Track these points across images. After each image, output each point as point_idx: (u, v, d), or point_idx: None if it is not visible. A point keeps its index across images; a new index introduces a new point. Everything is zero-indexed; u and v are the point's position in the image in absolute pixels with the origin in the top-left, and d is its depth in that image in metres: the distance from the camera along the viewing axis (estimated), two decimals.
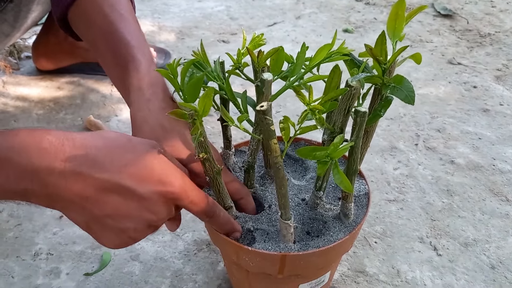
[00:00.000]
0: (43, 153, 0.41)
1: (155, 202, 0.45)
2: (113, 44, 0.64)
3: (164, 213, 0.47)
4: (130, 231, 0.46)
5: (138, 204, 0.45)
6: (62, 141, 0.42)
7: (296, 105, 1.14)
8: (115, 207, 0.44)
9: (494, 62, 1.33)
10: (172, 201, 0.47)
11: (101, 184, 0.43)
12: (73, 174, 0.42)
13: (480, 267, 0.75)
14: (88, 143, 0.43)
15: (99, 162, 0.43)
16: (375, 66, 0.47)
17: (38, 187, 0.42)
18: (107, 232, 0.46)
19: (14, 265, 0.74)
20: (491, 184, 0.92)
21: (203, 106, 0.41)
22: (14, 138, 0.42)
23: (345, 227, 0.56)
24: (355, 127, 0.47)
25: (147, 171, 0.45)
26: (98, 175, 0.42)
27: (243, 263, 0.55)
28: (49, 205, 0.44)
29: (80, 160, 0.42)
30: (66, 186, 0.42)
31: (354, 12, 1.63)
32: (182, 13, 1.60)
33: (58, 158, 0.41)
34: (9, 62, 1.26)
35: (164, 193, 0.46)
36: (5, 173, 0.41)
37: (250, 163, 0.56)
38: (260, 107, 0.42)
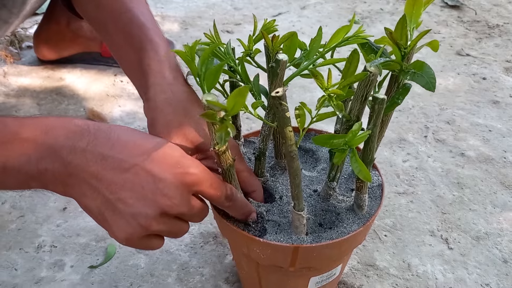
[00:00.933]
0: (69, 133, 0.43)
1: (170, 184, 0.43)
2: (126, 25, 0.62)
3: (178, 199, 0.44)
4: (141, 217, 0.43)
5: (153, 186, 0.43)
6: (88, 125, 0.44)
7: (302, 96, 1.12)
8: (129, 188, 0.43)
9: (503, 54, 1.31)
10: (188, 187, 0.45)
11: (118, 164, 0.43)
12: (93, 153, 0.42)
13: (492, 261, 0.74)
14: (113, 128, 0.45)
15: (120, 144, 0.43)
16: (394, 51, 0.45)
17: (58, 166, 0.42)
18: (118, 218, 0.44)
19: (17, 257, 0.72)
20: (502, 176, 0.90)
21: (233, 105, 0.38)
22: (43, 120, 0.44)
23: (359, 219, 0.54)
24: (373, 114, 0.45)
25: (166, 154, 0.44)
26: (117, 154, 0.43)
27: (253, 255, 0.53)
28: (64, 190, 0.44)
29: (102, 141, 0.43)
30: (86, 165, 0.42)
31: (360, 2, 1.60)
32: (185, 3, 1.58)
33: (82, 139, 0.43)
34: (10, 52, 1.24)
35: (182, 176, 0.44)
36: (27, 152, 0.42)
37: (261, 150, 0.54)
38: (276, 92, 0.40)
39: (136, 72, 0.60)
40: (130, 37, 0.61)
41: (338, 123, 0.60)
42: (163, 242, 0.49)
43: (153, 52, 0.58)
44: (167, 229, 0.46)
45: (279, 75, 0.44)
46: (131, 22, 0.62)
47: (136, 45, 0.60)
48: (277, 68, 0.44)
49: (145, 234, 0.45)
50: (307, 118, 0.44)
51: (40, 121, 0.44)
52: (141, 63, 0.58)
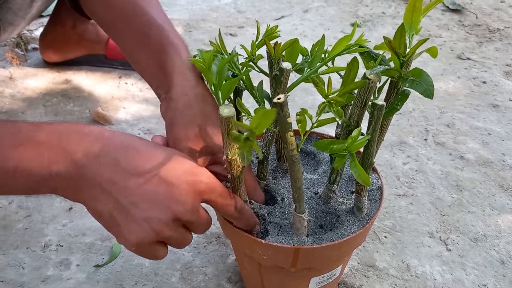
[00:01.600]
0: (83, 137, 0.44)
1: (183, 190, 0.44)
2: (143, 27, 0.62)
3: (190, 206, 0.45)
4: (154, 222, 0.44)
5: (166, 192, 0.44)
6: (103, 130, 0.45)
7: (304, 99, 1.13)
8: (142, 194, 0.43)
9: (503, 58, 1.32)
10: (200, 194, 0.46)
11: (132, 169, 0.43)
12: (107, 158, 0.43)
13: (490, 263, 0.75)
14: (126, 135, 0.46)
15: (134, 151, 0.44)
16: (393, 59, 0.46)
17: (71, 170, 0.43)
18: (130, 222, 0.44)
19: (24, 256, 0.74)
20: (501, 179, 0.91)
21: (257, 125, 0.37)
22: (58, 125, 0.45)
23: (358, 221, 0.56)
24: (372, 120, 0.47)
25: (179, 163, 0.46)
26: (131, 161, 0.44)
27: (255, 256, 0.55)
28: (74, 195, 0.45)
29: (116, 146, 0.44)
30: (99, 169, 0.43)
31: (362, 6, 1.61)
32: (189, 6, 1.60)
33: (96, 143, 0.43)
34: (16, 53, 1.25)
35: (194, 183, 0.45)
36: (40, 155, 0.42)
37: (264, 154, 0.56)
38: (277, 99, 0.41)
39: (155, 72, 0.60)
40: (147, 39, 0.61)
41: (339, 127, 0.61)
42: (167, 252, 0.49)
43: (176, 54, 0.59)
44: (176, 237, 0.47)
45: (282, 83, 0.46)
46: (149, 24, 0.62)
47: (156, 47, 0.60)
48: (281, 76, 0.45)
49: (155, 240, 0.46)
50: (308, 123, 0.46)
51: (54, 126, 0.45)
52: (163, 64, 0.59)
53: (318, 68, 0.45)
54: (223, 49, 0.49)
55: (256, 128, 0.37)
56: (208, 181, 0.46)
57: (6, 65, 1.22)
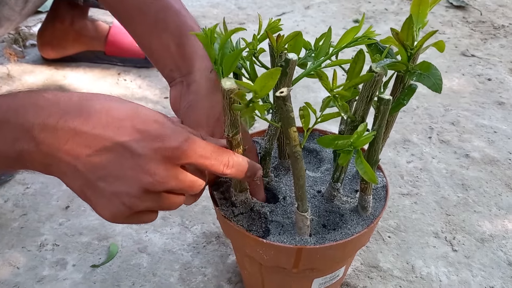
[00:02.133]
0: (38, 110, 0.40)
1: (150, 159, 0.40)
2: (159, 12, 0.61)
3: (162, 175, 0.40)
4: (123, 196, 0.40)
5: (132, 162, 0.40)
6: (59, 98, 0.41)
7: (305, 96, 1.11)
8: (107, 167, 0.40)
9: (508, 54, 1.30)
10: (172, 160, 0.41)
11: (94, 140, 0.40)
12: (65, 130, 0.39)
13: (497, 263, 0.73)
14: (85, 98, 0.41)
15: (94, 117, 0.40)
16: (400, 52, 0.44)
17: (33, 146, 0.40)
18: (101, 198, 0.41)
19: (20, 256, 0.72)
20: (507, 178, 0.89)
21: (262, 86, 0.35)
22: (13, 99, 0.41)
23: (363, 220, 0.54)
24: (378, 115, 0.45)
25: (145, 127, 0.41)
26: (90, 130, 0.40)
27: (256, 256, 0.53)
28: (45, 170, 0.42)
29: (74, 115, 0.40)
30: (59, 143, 0.39)
31: (364, 2, 1.59)
32: (189, 2, 1.58)
33: (52, 114, 0.40)
34: (14, 50, 1.24)
35: (162, 150, 0.40)
36: (3, 135, 0.40)
37: (267, 150, 0.54)
38: (280, 93, 0.40)
39: (172, 55, 0.58)
40: (165, 23, 0.60)
41: (343, 123, 0.60)
42: (155, 215, 0.46)
43: (197, 40, 0.57)
44: (157, 205, 0.43)
45: (288, 74, 0.44)
46: (166, 8, 0.60)
47: (174, 31, 0.58)
48: (287, 68, 0.43)
49: (131, 213, 0.43)
50: (312, 118, 0.44)
51: (10, 100, 0.41)
52: (182, 47, 0.57)
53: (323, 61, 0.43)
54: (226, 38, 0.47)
55: (260, 90, 0.35)
56: (178, 144, 0.40)
57: (4, 61, 1.20)
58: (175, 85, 0.58)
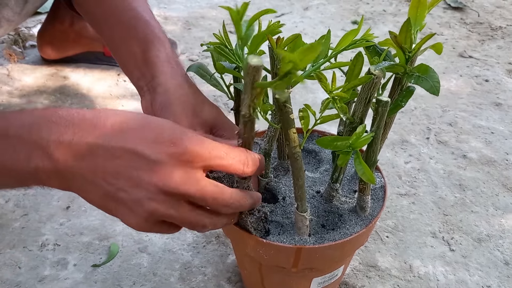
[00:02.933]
0: (53, 127, 0.40)
1: (166, 164, 0.40)
2: (130, 21, 0.64)
3: (179, 177, 0.40)
4: (144, 202, 0.40)
5: (148, 169, 0.40)
6: (72, 114, 0.41)
7: (304, 97, 1.12)
8: (124, 176, 0.40)
9: (506, 56, 1.31)
10: (189, 164, 0.41)
11: (109, 152, 0.40)
12: (81, 146, 0.40)
13: (494, 263, 0.74)
14: (98, 114, 0.42)
15: (106, 130, 0.41)
16: (399, 54, 0.45)
17: (48, 163, 0.40)
18: (124, 208, 0.41)
19: (21, 256, 0.73)
20: (504, 179, 0.90)
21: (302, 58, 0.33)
22: (26, 116, 0.42)
23: (361, 220, 0.55)
24: (376, 117, 0.46)
25: (158, 134, 0.41)
26: (105, 142, 0.40)
27: (256, 256, 0.54)
28: (62, 186, 0.42)
29: (88, 130, 0.40)
30: (76, 159, 0.40)
31: (362, 3, 1.60)
32: (188, 3, 1.58)
33: (67, 131, 0.40)
34: (14, 51, 1.24)
35: (176, 154, 0.40)
36: (17, 152, 0.40)
37: (266, 150, 0.54)
38: None
39: (139, 63, 0.61)
40: (134, 31, 0.62)
41: (342, 124, 0.60)
42: (179, 229, 0.46)
43: (161, 46, 0.60)
44: (179, 215, 0.43)
45: None
46: (136, 18, 0.64)
47: (142, 39, 0.61)
48: None
49: (156, 220, 0.43)
50: (311, 120, 0.45)
51: (24, 118, 0.42)
52: (147, 54, 0.60)
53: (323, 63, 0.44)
54: (227, 41, 0.48)
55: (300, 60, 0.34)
56: (191, 147, 0.41)
57: (4, 62, 1.21)
58: (143, 95, 0.60)
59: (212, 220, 0.45)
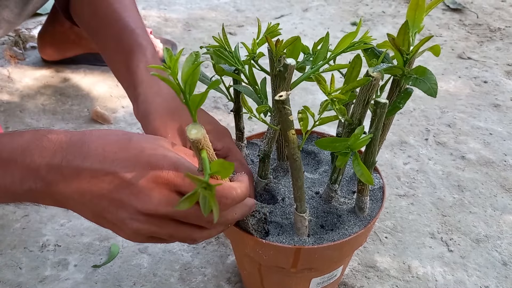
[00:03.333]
0: (43, 151, 0.43)
1: (143, 187, 0.41)
2: (117, 32, 0.67)
3: (159, 199, 0.41)
4: (127, 222, 0.42)
5: (128, 191, 0.41)
6: (61, 138, 0.44)
7: (304, 98, 1.13)
8: (108, 198, 0.42)
9: (504, 57, 1.31)
10: (166, 186, 0.42)
11: (93, 175, 0.42)
12: (69, 169, 0.42)
13: (492, 264, 0.74)
14: (83, 138, 0.44)
15: (92, 154, 0.43)
16: (396, 57, 0.46)
17: (41, 186, 0.43)
18: (112, 226, 0.44)
19: (22, 256, 0.73)
20: (503, 180, 0.91)
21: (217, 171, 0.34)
22: (19, 139, 0.44)
23: (360, 221, 0.55)
24: (375, 118, 0.46)
25: (136, 155, 0.43)
26: (90, 166, 0.42)
27: (256, 256, 0.54)
28: (56, 204, 0.45)
29: (75, 154, 0.43)
30: (65, 182, 0.42)
31: (362, 5, 1.61)
32: (188, 5, 1.59)
33: (56, 155, 0.43)
34: (14, 52, 1.24)
35: (154, 178, 0.41)
36: (10, 174, 0.43)
37: (266, 152, 0.55)
38: (279, 96, 0.41)
39: (124, 73, 0.64)
40: (121, 42, 0.66)
41: (340, 126, 0.61)
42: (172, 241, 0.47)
43: (141, 54, 0.63)
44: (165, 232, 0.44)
45: (286, 79, 0.45)
46: (124, 29, 0.67)
47: (126, 49, 0.65)
48: (285, 73, 0.44)
49: (144, 236, 0.44)
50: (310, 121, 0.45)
51: (16, 140, 0.44)
52: (129, 63, 0.63)
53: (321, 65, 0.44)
54: (226, 44, 0.48)
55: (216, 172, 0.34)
56: (169, 173, 0.42)
57: (4, 63, 1.21)
58: (133, 104, 0.62)
59: (201, 233, 0.46)
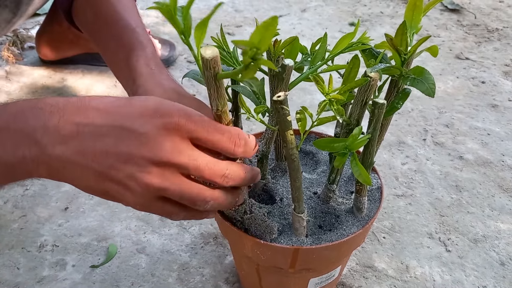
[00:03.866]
0: (38, 113, 0.40)
1: (153, 135, 0.39)
2: (119, 31, 0.69)
3: (168, 147, 0.39)
4: (137, 176, 0.39)
5: (137, 142, 0.39)
6: (57, 100, 0.41)
7: (302, 98, 1.13)
8: (114, 153, 0.39)
9: (502, 58, 1.32)
10: (177, 133, 0.40)
11: (96, 130, 0.39)
12: (67, 128, 0.39)
13: (489, 264, 0.75)
14: (83, 98, 0.41)
15: (92, 110, 0.40)
16: (394, 57, 0.46)
17: (35, 151, 0.39)
18: (119, 187, 0.40)
19: (19, 257, 0.73)
20: (500, 180, 0.91)
21: (259, 39, 0.31)
22: (12, 107, 0.41)
23: (358, 221, 0.55)
24: (373, 119, 0.46)
25: (142, 107, 0.40)
26: (92, 121, 0.40)
27: (254, 257, 0.54)
28: (51, 174, 0.41)
29: (73, 112, 0.40)
30: (63, 143, 0.39)
31: (360, 5, 1.61)
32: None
33: (53, 115, 0.40)
34: (12, 52, 1.24)
35: (163, 124, 0.39)
36: (2, 142, 0.40)
37: (264, 153, 0.55)
38: (277, 97, 0.41)
39: (124, 69, 0.65)
40: (121, 41, 0.68)
41: (338, 126, 0.61)
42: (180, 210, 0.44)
43: (141, 51, 0.65)
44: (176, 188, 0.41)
45: (284, 79, 0.45)
46: (125, 28, 0.69)
47: (127, 47, 0.66)
48: (283, 73, 0.44)
49: (154, 196, 0.41)
50: (308, 121, 0.45)
51: (9, 107, 0.41)
52: (129, 60, 0.64)
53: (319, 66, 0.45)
54: (224, 44, 0.48)
55: (259, 43, 0.31)
56: (177, 117, 0.39)
57: (2, 63, 1.21)
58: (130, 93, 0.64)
59: (213, 193, 0.43)
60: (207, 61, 0.36)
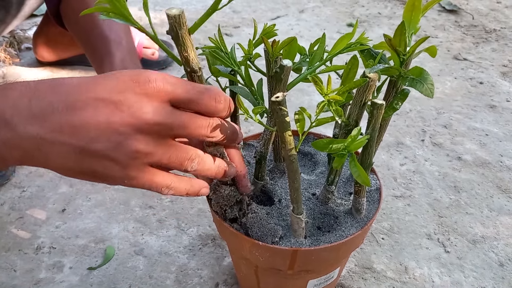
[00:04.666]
0: (8, 93, 0.38)
1: (133, 102, 0.38)
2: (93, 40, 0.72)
3: (152, 111, 0.38)
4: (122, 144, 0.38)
5: (117, 111, 0.37)
6: (28, 82, 0.39)
7: (300, 99, 1.12)
8: (94, 125, 0.37)
9: (500, 58, 1.32)
10: (157, 97, 0.39)
11: (72, 105, 0.37)
12: (41, 106, 0.37)
13: (488, 264, 0.74)
14: (56, 78, 0.40)
15: (66, 86, 0.38)
16: (393, 57, 0.45)
17: (6, 132, 0.37)
18: (104, 161, 0.38)
19: (16, 259, 0.72)
20: (499, 180, 0.91)
21: None
22: None
23: (357, 222, 0.55)
24: (371, 119, 0.46)
25: (117, 77, 0.39)
26: (66, 97, 0.37)
27: (252, 258, 0.54)
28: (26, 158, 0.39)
29: (45, 91, 0.38)
30: (36, 120, 0.37)
31: (358, 6, 1.61)
32: (184, 6, 1.58)
33: (24, 95, 0.37)
34: (9, 53, 1.24)
35: (142, 90, 0.38)
36: None
37: (262, 154, 0.55)
38: (276, 97, 0.41)
39: None
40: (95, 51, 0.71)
41: (337, 127, 0.61)
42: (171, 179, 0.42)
43: (109, 65, 0.68)
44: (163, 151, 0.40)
45: (282, 80, 0.45)
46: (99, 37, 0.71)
47: (98, 58, 0.70)
48: (281, 74, 0.44)
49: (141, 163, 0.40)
50: (307, 122, 0.45)
51: None
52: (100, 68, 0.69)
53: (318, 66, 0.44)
54: (222, 45, 0.48)
55: None
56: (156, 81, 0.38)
57: None
58: None
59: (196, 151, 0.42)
60: (179, 17, 0.36)
